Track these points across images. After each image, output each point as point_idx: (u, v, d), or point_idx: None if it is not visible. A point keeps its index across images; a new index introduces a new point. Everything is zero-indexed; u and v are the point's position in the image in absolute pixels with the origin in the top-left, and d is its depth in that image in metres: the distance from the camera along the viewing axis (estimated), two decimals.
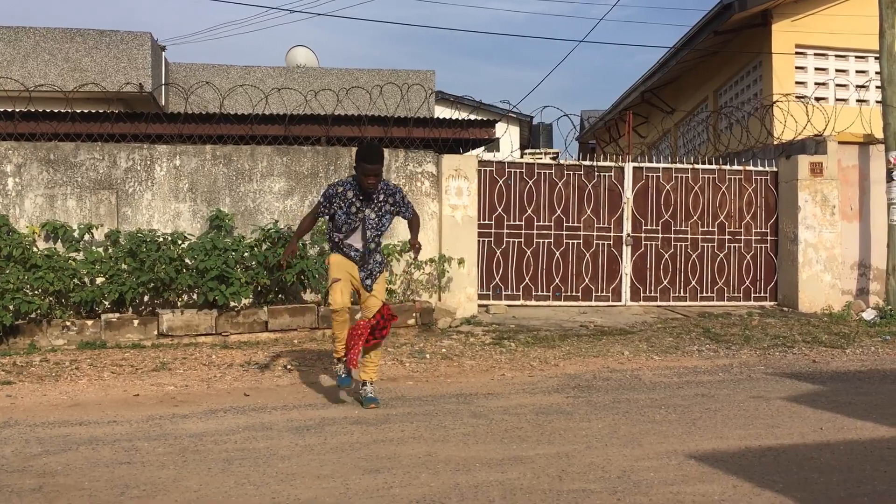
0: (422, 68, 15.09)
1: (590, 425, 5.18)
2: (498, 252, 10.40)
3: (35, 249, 8.39)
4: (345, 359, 5.75)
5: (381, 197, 5.72)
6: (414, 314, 8.99)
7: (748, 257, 11.02)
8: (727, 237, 10.98)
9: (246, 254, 8.71)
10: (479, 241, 10.09)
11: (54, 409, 5.65)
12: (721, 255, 10.95)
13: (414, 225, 5.93)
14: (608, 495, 3.83)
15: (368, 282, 5.75)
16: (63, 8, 60.20)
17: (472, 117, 10.53)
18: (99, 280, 8.42)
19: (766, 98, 12.38)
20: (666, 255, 10.81)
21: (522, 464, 4.33)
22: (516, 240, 10.45)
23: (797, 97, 11.96)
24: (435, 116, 10.83)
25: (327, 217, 5.77)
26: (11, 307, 7.78)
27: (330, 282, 5.73)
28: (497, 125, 10.61)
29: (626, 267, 10.69)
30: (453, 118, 10.34)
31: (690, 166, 11.00)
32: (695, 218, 10.89)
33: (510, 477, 4.10)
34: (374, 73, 14.75)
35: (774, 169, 11.11)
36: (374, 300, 5.75)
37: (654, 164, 10.92)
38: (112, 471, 4.22)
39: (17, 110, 9.09)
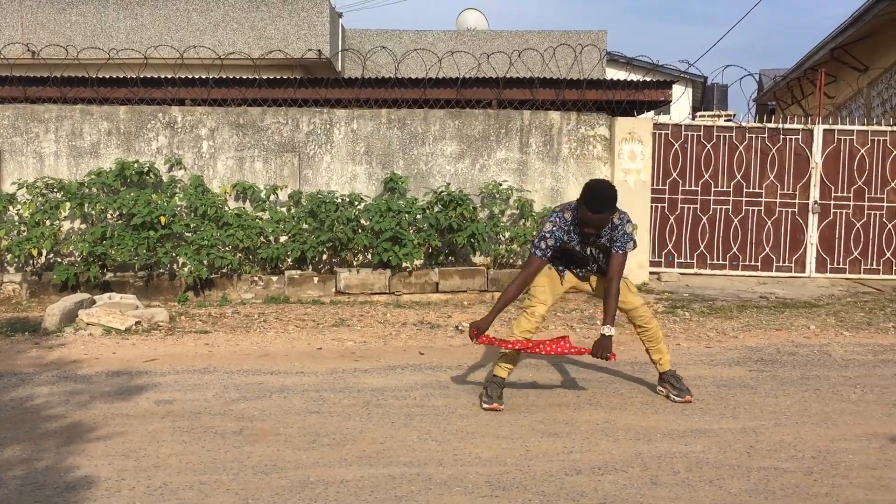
0: (593, 29, 14.65)
1: (777, 401, 4.92)
2: (671, 218, 10.04)
3: (226, 209, 8.96)
4: None
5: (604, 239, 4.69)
6: None
7: None
8: None
9: (418, 216, 8.91)
10: (651, 206, 9.78)
11: (247, 358, 6.04)
12: None
13: (612, 271, 4.63)
14: (803, 475, 3.63)
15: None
16: None
17: (646, 79, 10.16)
18: (282, 238, 8.89)
19: None
20: (857, 225, 10.04)
21: (706, 437, 4.18)
22: (691, 206, 10.04)
23: None
24: (607, 78, 10.55)
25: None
26: (206, 262, 8.39)
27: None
28: (673, 87, 10.18)
29: (812, 236, 10.03)
30: (628, 80, 10.01)
31: (890, 128, 10.10)
32: (892, 185, 10.02)
33: (694, 450, 3.97)
34: (544, 35, 14.53)
35: None
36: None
37: (848, 127, 10.11)
38: (303, 419, 4.46)
39: (211, 77, 9.67)
